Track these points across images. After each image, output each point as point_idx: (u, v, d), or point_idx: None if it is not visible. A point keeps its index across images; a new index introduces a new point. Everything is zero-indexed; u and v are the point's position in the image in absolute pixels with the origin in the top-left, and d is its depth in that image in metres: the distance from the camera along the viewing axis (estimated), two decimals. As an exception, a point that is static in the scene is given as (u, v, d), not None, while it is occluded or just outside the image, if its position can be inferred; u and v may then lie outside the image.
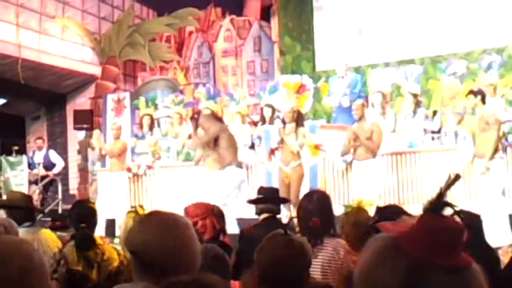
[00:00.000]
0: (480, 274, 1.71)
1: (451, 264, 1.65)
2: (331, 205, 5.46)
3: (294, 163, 11.58)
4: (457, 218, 1.71)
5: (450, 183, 1.74)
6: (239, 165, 12.26)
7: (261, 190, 7.14)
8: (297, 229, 5.62)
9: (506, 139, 11.49)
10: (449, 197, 1.70)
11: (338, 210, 5.93)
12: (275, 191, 7.38)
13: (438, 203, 1.70)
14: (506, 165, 11.21)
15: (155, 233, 2.65)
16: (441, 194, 1.71)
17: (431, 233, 1.65)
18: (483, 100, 10.68)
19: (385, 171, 12.10)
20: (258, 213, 6.83)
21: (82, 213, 5.84)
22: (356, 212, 5.77)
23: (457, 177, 1.75)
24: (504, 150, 11.26)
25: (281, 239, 3.40)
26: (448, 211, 1.71)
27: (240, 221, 10.94)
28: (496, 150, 10.29)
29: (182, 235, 2.69)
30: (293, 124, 11.71)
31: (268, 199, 6.87)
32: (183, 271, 2.54)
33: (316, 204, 5.30)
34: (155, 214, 2.86)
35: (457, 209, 1.71)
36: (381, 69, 14.99)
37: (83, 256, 5.26)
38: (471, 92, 10.97)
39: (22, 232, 5.77)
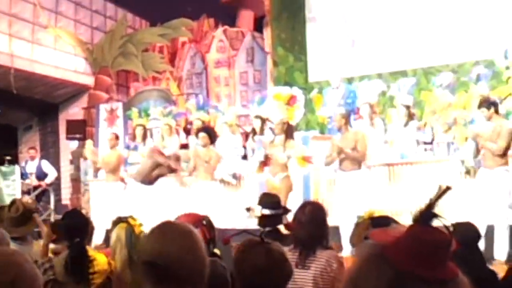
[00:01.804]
0: (466, 285, 1.71)
1: (435, 276, 1.65)
2: (324, 217, 5.44)
3: (282, 174, 11.59)
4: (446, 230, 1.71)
5: (440, 194, 1.75)
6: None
7: (264, 199, 7.11)
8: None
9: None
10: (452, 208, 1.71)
11: (332, 221, 5.93)
12: (278, 200, 7.35)
13: (427, 214, 1.71)
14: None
15: (171, 243, 2.66)
16: (430, 205, 1.72)
17: (416, 245, 1.66)
18: (496, 111, 10.55)
19: (375, 182, 12.09)
20: (262, 225, 6.84)
21: (74, 225, 5.72)
22: (367, 223, 5.77)
23: (447, 188, 1.76)
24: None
25: (261, 248, 3.38)
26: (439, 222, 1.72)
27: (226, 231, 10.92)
28: (505, 160, 10.20)
29: (195, 245, 2.72)
30: (283, 136, 11.72)
31: (273, 216, 6.85)
32: (195, 280, 2.60)
33: (309, 216, 5.30)
34: (169, 224, 2.88)
35: (445, 221, 1.72)
36: (367, 80, 15.03)
37: (72, 268, 5.22)
38: (483, 102, 10.81)
39: (14, 245, 5.73)
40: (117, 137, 14.53)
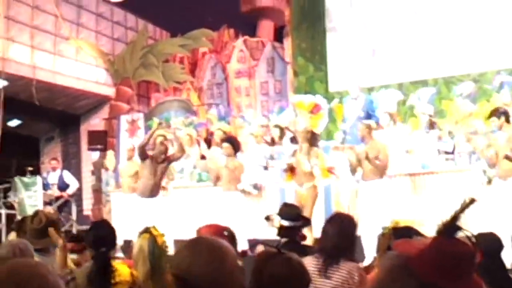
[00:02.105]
0: None
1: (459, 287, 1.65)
2: (354, 230, 5.43)
3: (308, 184, 11.53)
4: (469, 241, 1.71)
5: (464, 207, 1.74)
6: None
7: (285, 210, 7.10)
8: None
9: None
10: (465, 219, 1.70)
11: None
12: (297, 212, 7.34)
13: (452, 226, 1.70)
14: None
15: (202, 258, 2.68)
16: (455, 217, 1.71)
17: (441, 257, 1.65)
18: (507, 120, 10.54)
19: (397, 192, 12.04)
20: (280, 236, 6.84)
21: (101, 235, 5.75)
22: (389, 234, 5.75)
23: (472, 201, 1.75)
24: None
25: (279, 258, 3.38)
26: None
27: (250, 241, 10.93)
28: None
29: (228, 262, 2.74)
30: (307, 144, 11.68)
31: (291, 227, 6.85)
32: None
33: (338, 228, 5.29)
34: (203, 240, 2.92)
35: (468, 233, 1.71)
36: (384, 90, 15.01)
37: (95, 279, 5.23)
38: (494, 112, 10.79)
39: (37, 256, 5.75)
40: (134, 148, 14.55)
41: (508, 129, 10.36)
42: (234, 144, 12.95)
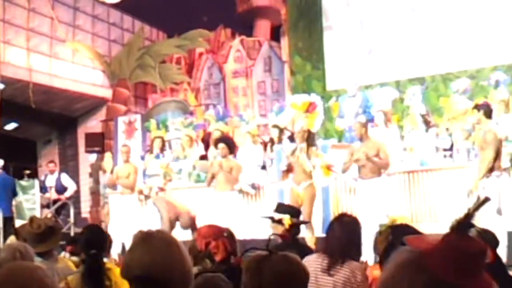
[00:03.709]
0: None
1: (471, 285, 1.64)
2: (359, 231, 5.43)
3: (306, 183, 11.51)
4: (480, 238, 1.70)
5: (479, 204, 1.74)
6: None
7: (280, 208, 7.10)
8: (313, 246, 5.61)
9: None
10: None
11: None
12: (295, 210, 7.33)
13: (465, 223, 1.70)
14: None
15: (163, 252, 2.69)
16: (469, 215, 1.71)
17: (455, 254, 1.65)
18: (486, 115, 10.53)
19: (396, 189, 12.05)
20: (293, 233, 6.86)
21: (92, 239, 5.77)
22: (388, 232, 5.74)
23: (486, 199, 1.75)
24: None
25: (278, 257, 3.36)
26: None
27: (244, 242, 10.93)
28: (491, 169, 10.13)
29: (184, 254, 2.76)
30: (304, 144, 11.67)
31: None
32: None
33: (345, 229, 5.29)
34: (156, 234, 2.86)
35: (479, 230, 1.71)
36: (379, 88, 15.03)
37: (88, 280, 5.22)
38: (476, 106, 10.84)
39: (38, 260, 5.73)
40: (130, 149, 14.51)
41: (484, 125, 10.37)
42: (229, 144, 12.95)
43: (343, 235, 5.25)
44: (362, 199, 11.44)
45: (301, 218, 7.51)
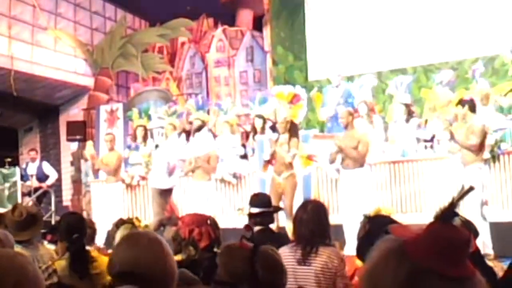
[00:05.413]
0: (483, 284, 1.72)
1: (454, 273, 1.66)
2: (326, 215, 5.47)
3: (287, 173, 11.55)
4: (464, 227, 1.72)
5: (463, 193, 1.76)
6: None
7: (254, 198, 7.13)
8: (291, 237, 5.63)
9: (499, 147, 11.47)
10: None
11: (333, 219, 5.95)
12: (267, 199, 7.36)
13: (449, 212, 1.72)
14: (499, 172, 11.26)
15: (147, 250, 2.76)
16: (453, 204, 1.73)
17: (438, 242, 1.67)
18: (471, 109, 10.60)
19: (378, 180, 12.11)
20: (253, 224, 6.83)
21: (73, 224, 5.78)
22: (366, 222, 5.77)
23: (470, 188, 1.77)
24: (497, 158, 11.31)
25: (266, 247, 3.40)
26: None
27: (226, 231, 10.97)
28: (477, 160, 10.22)
29: (167, 252, 2.82)
30: (287, 135, 11.69)
31: (262, 212, 6.87)
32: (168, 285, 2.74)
33: (311, 214, 5.32)
34: (140, 234, 3.03)
35: (463, 219, 1.73)
36: (357, 79, 15.06)
37: (75, 269, 5.22)
38: (460, 101, 10.91)
39: (19, 248, 5.72)
40: (115, 138, 14.53)
41: (470, 119, 10.44)
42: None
43: (311, 221, 5.28)
44: (344, 189, 11.48)
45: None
